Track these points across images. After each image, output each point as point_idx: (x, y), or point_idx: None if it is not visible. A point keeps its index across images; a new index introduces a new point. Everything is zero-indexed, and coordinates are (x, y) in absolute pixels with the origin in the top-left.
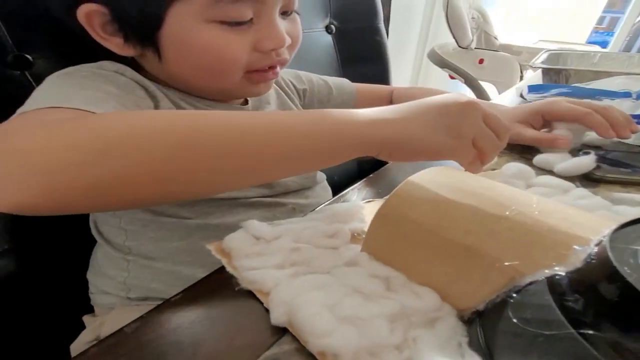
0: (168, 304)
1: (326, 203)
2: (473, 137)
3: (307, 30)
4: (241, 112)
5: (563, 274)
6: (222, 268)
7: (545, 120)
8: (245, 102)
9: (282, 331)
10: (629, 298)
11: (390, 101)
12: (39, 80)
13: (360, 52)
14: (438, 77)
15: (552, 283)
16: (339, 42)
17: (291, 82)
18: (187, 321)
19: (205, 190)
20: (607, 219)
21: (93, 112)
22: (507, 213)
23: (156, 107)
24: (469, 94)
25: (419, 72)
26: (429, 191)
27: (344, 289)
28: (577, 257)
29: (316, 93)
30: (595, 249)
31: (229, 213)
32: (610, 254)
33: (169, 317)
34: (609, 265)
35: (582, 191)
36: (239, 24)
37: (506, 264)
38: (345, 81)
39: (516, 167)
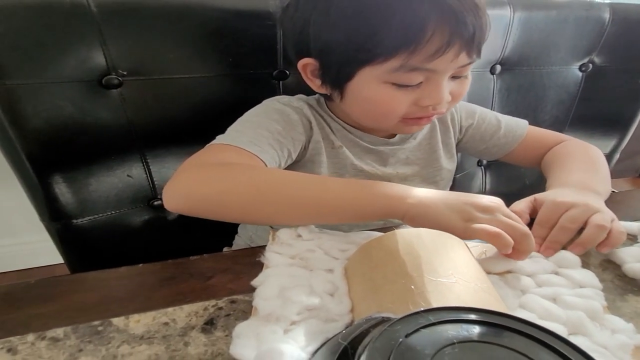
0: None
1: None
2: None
3: (552, 67)
4: (310, 179)
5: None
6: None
7: None
8: (393, 135)
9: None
10: None
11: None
12: (286, 90)
13: (609, 93)
14: None
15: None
16: (589, 80)
17: (460, 116)
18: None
19: (271, 222)
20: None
21: (250, 151)
22: (414, 275)
23: (308, 139)
24: None
25: None
26: (395, 244)
27: (306, 281)
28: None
29: (482, 130)
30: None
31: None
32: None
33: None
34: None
35: None
36: (408, 86)
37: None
38: (521, 123)
39: None
